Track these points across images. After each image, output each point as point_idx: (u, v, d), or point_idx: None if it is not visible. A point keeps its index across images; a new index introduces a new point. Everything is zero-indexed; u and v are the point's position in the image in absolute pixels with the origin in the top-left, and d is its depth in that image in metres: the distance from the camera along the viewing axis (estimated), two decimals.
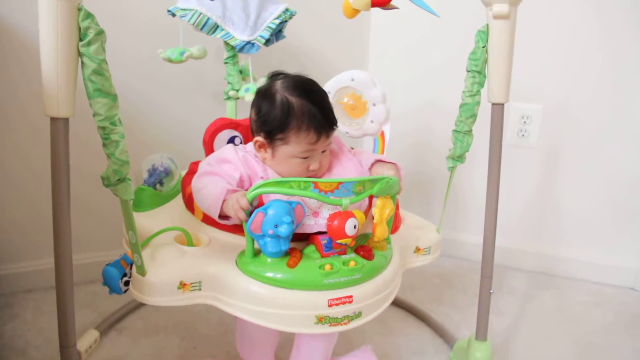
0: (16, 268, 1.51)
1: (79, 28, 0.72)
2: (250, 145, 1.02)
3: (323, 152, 0.97)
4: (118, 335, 1.35)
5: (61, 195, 0.78)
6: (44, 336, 1.31)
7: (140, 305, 1.47)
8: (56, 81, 0.72)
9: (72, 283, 0.83)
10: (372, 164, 1.03)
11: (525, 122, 1.75)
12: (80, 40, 0.73)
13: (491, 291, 1.19)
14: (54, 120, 0.75)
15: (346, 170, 1.01)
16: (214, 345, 1.33)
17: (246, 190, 0.86)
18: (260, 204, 0.85)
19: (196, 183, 0.95)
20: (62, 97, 0.73)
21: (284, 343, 1.18)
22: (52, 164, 0.77)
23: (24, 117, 1.43)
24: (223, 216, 0.88)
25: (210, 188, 0.90)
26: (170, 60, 1.34)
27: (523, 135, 1.77)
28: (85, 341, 1.24)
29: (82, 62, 0.74)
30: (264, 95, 0.97)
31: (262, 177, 0.94)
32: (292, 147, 0.93)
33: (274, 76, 1.00)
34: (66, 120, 0.75)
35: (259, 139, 0.97)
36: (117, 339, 1.33)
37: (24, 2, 1.34)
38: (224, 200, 0.87)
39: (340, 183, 0.84)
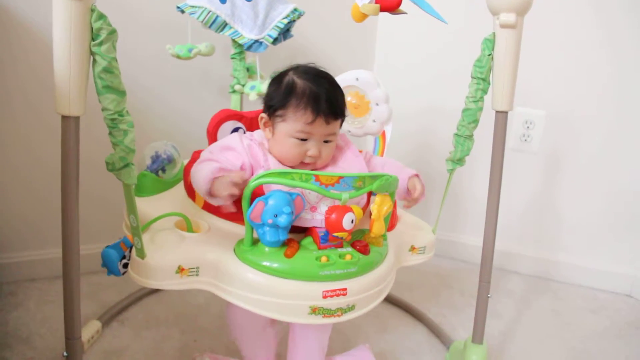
0: (20, 257, 1.53)
1: (92, 28, 0.73)
2: (256, 133, 1.04)
3: (326, 142, 0.98)
4: (120, 327, 1.37)
5: (71, 191, 0.78)
6: (47, 325, 1.33)
7: (142, 296, 1.49)
8: (68, 81, 0.73)
9: (79, 277, 0.84)
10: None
11: (528, 127, 1.76)
12: (93, 40, 0.73)
13: (489, 295, 1.21)
14: (65, 118, 0.76)
15: (350, 164, 1.02)
16: (214, 339, 1.35)
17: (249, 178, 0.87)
18: (261, 193, 0.86)
19: (194, 168, 0.95)
20: (74, 96, 0.74)
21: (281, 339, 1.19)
22: (63, 160, 0.78)
23: (30, 110, 1.44)
24: (213, 195, 0.87)
25: (205, 169, 0.90)
26: (178, 57, 1.35)
27: (525, 140, 1.78)
28: (87, 332, 1.26)
29: (94, 60, 0.74)
30: (277, 76, 1.01)
31: (263, 167, 0.96)
32: (289, 125, 0.95)
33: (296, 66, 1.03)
34: (77, 118, 0.76)
35: (263, 115, 1.01)
36: (118, 330, 1.35)
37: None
38: (215, 178, 0.86)
39: (341, 177, 0.85)
